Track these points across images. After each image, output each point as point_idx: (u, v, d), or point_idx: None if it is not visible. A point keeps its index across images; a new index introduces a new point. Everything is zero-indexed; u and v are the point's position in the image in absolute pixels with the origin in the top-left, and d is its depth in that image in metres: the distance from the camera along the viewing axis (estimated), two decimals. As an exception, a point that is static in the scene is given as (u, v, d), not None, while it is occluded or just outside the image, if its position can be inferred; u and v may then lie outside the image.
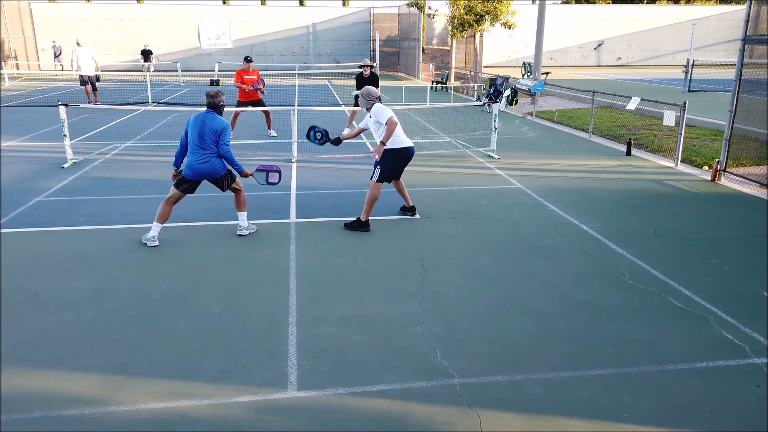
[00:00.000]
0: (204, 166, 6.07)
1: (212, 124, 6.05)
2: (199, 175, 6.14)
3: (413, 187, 8.41)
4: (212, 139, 6.04)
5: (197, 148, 6.05)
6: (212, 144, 6.05)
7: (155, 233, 6.09)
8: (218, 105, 6.13)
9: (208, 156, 6.06)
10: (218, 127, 6.04)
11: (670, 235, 6.48)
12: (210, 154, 6.07)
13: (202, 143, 6.04)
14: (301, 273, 5.37)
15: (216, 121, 6.07)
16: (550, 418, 3.33)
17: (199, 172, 6.11)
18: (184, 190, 6.18)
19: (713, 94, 20.89)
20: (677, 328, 4.37)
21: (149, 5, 36.34)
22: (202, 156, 6.05)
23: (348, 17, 37.78)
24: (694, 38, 28.26)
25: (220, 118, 6.13)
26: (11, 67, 31.06)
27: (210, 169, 6.10)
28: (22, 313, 4.55)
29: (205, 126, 6.04)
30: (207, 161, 6.06)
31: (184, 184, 6.16)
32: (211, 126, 6.04)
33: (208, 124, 6.04)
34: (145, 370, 3.78)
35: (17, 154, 10.55)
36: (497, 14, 23.64)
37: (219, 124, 6.06)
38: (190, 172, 6.10)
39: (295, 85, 26.75)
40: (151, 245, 6.05)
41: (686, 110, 10.06)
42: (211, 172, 6.13)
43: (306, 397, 3.52)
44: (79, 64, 17.23)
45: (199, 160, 6.05)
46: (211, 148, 6.07)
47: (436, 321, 4.47)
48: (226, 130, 6.09)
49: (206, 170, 6.10)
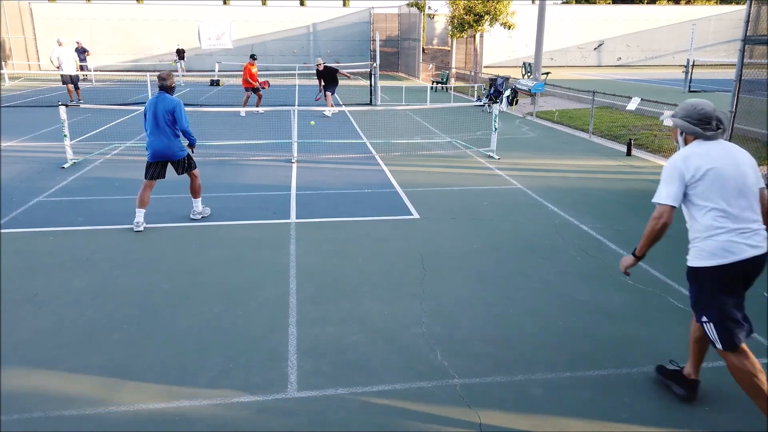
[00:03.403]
0: (160, 146, 6.50)
1: (164, 104, 6.44)
2: (158, 156, 6.56)
3: (413, 187, 8.41)
4: (167, 118, 6.42)
5: (154, 129, 6.47)
6: (167, 124, 6.45)
7: (140, 218, 6.54)
8: (170, 87, 6.55)
9: (164, 137, 6.48)
10: (170, 106, 6.45)
11: (670, 236, 6.44)
12: (166, 135, 6.48)
13: (157, 124, 6.44)
14: (301, 273, 5.37)
15: (167, 101, 6.46)
16: (550, 418, 3.33)
17: (157, 153, 6.54)
18: (152, 175, 6.61)
19: (713, 94, 20.89)
20: (677, 328, 4.37)
21: (149, 5, 36.35)
22: (158, 137, 6.47)
23: (348, 17, 37.79)
24: (694, 38, 28.26)
25: (170, 97, 6.52)
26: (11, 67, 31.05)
27: (167, 149, 6.53)
28: (22, 313, 4.55)
29: (158, 107, 6.43)
30: (162, 141, 6.49)
31: (150, 169, 6.61)
32: (163, 107, 6.42)
33: (159, 105, 6.43)
34: (145, 370, 3.78)
35: (17, 154, 10.56)
36: (496, 14, 23.66)
37: (170, 103, 6.46)
38: (150, 153, 6.57)
39: (295, 85, 26.75)
40: (137, 230, 6.49)
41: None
42: (168, 153, 6.56)
43: (306, 398, 3.52)
44: (60, 64, 17.32)
45: (155, 140, 6.49)
46: (167, 129, 6.47)
47: (436, 321, 4.47)
48: (178, 105, 6.50)
49: (163, 150, 6.52)
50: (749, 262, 3.01)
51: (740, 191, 3.03)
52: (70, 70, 17.40)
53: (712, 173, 3.03)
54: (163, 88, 6.50)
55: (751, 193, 3.06)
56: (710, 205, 3.03)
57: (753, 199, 3.07)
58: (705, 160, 3.05)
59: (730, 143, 3.20)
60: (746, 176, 3.06)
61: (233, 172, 7.69)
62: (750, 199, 3.05)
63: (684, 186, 3.07)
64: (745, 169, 3.08)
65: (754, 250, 3.00)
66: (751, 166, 3.11)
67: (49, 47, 32.57)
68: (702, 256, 3.08)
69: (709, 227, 3.04)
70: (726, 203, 3.01)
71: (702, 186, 3.03)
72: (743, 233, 3.00)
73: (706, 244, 3.06)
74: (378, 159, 10.48)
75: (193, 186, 6.84)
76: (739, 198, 3.02)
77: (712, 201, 3.03)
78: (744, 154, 3.15)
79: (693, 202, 3.09)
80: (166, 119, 6.42)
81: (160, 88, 6.50)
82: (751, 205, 3.05)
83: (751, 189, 3.07)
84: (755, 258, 3.01)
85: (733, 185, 3.02)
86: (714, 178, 3.02)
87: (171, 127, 6.48)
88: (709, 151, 3.09)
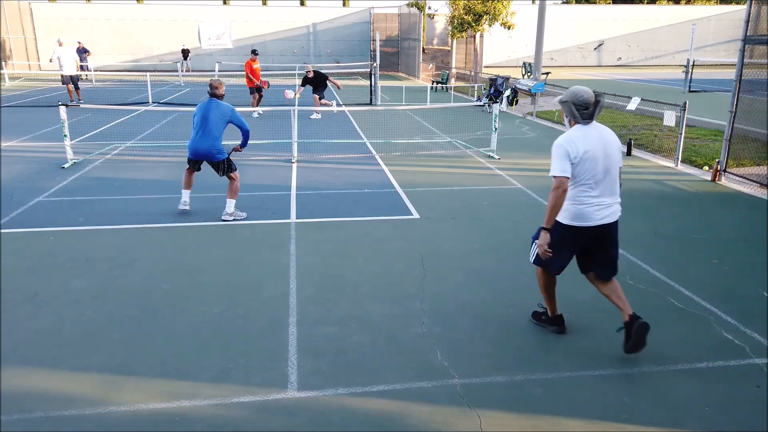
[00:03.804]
0: (202, 148, 6.75)
1: (218, 110, 6.76)
2: (196, 155, 6.84)
3: (413, 187, 8.42)
4: (219, 124, 6.72)
5: (199, 130, 6.74)
6: (216, 129, 6.72)
7: (185, 198, 7.08)
8: (221, 95, 6.88)
9: (209, 139, 6.71)
10: (226, 112, 6.79)
11: (670, 236, 6.49)
12: (212, 138, 6.72)
13: (206, 127, 6.71)
14: (301, 273, 5.37)
15: (222, 108, 6.80)
16: (550, 418, 3.33)
17: (197, 153, 6.80)
18: (191, 166, 7.04)
19: (713, 94, 20.90)
20: (677, 329, 4.37)
21: (149, 5, 36.36)
22: (203, 138, 6.72)
23: (348, 17, 37.79)
24: (695, 38, 28.25)
25: (224, 104, 6.86)
26: (11, 67, 31.04)
27: (206, 151, 6.76)
28: (23, 313, 4.55)
29: (210, 113, 6.73)
30: (206, 144, 6.73)
31: (189, 162, 7.02)
32: (218, 112, 6.74)
33: (213, 111, 6.74)
34: (145, 370, 3.78)
35: (17, 154, 10.56)
36: (496, 14, 23.66)
37: (226, 109, 6.81)
38: (189, 152, 6.89)
39: (295, 86, 26.74)
40: (181, 208, 7.05)
41: (686, 110, 10.06)
42: (205, 155, 6.80)
43: (306, 398, 3.52)
44: (61, 64, 17.34)
45: (197, 141, 6.76)
46: (212, 133, 6.71)
47: (436, 321, 4.47)
48: (234, 111, 6.87)
49: (203, 151, 6.77)
50: (597, 228, 3.84)
51: (606, 171, 3.78)
52: (70, 70, 17.43)
53: (587, 156, 3.72)
54: (215, 96, 6.83)
55: (614, 172, 3.82)
56: (581, 180, 3.76)
57: (615, 178, 3.83)
58: (583, 144, 3.73)
59: (602, 126, 3.89)
60: (612, 158, 3.80)
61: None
62: (612, 178, 3.81)
63: (570, 162, 3.73)
64: (612, 151, 3.81)
65: (602, 221, 3.83)
66: (617, 148, 3.87)
67: (49, 47, 32.56)
68: (564, 216, 3.85)
69: (575, 196, 3.80)
70: (593, 180, 3.76)
71: (579, 166, 3.74)
72: (598, 206, 3.80)
73: (569, 208, 3.82)
74: (378, 159, 10.48)
75: (231, 187, 6.92)
76: (605, 177, 3.78)
77: (583, 177, 3.75)
78: (613, 137, 3.88)
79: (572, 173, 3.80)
80: (217, 124, 6.72)
81: (211, 96, 6.83)
82: (612, 183, 3.82)
83: (615, 169, 3.82)
84: (602, 226, 3.85)
85: (601, 166, 3.76)
86: (588, 159, 3.72)
87: (216, 132, 6.75)
88: (587, 135, 3.77)
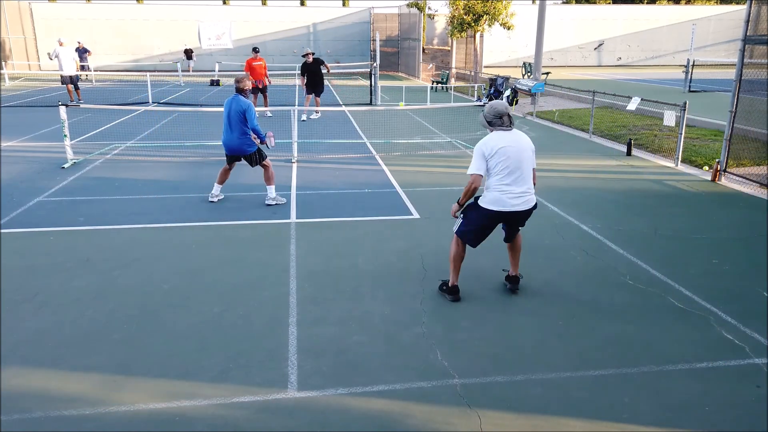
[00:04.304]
0: (231, 144, 7.26)
1: (237, 105, 7.09)
2: (230, 151, 7.35)
3: (414, 187, 8.42)
4: (238, 118, 7.07)
5: (227, 127, 7.22)
6: (239, 123, 7.09)
7: (216, 191, 7.54)
8: (242, 89, 7.17)
9: (235, 135, 7.18)
10: (242, 107, 7.09)
11: (670, 236, 6.48)
12: (237, 133, 7.16)
13: (230, 123, 7.15)
14: (301, 273, 5.37)
15: (240, 102, 7.11)
16: (550, 418, 3.33)
17: (229, 149, 7.33)
18: (228, 163, 7.50)
19: (713, 94, 20.89)
20: (677, 329, 4.37)
21: (149, 5, 36.34)
22: (230, 135, 7.22)
23: (348, 17, 37.77)
24: (695, 38, 28.26)
25: (243, 99, 7.15)
26: (11, 67, 31.03)
27: (237, 147, 7.26)
28: (23, 313, 4.55)
29: (232, 108, 7.11)
30: (233, 140, 7.22)
31: (227, 159, 7.46)
32: (236, 107, 7.08)
33: (234, 106, 7.10)
34: (145, 370, 3.78)
35: (17, 154, 10.56)
36: (495, 14, 23.66)
37: (243, 104, 7.11)
38: (224, 148, 7.40)
39: (296, 86, 26.74)
40: (210, 199, 7.51)
41: (686, 110, 10.06)
42: (237, 150, 7.29)
43: (306, 398, 3.52)
44: (61, 64, 17.34)
45: (228, 138, 7.27)
46: (238, 128, 7.12)
47: (436, 321, 4.47)
48: (250, 107, 7.13)
49: (233, 147, 7.27)
50: (510, 213, 4.55)
51: (518, 165, 4.48)
52: (69, 70, 17.43)
53: (501, 151, 4.45)
54: (238, 91, 7.15)
55: (526, 167, 4.52)
56: (497, 170, 4.48)
57: (526, 172, 4.53)
58: (497, 143, 4.47)
59: (519, 132, 4.61)
60: (524, 155, 4.51)
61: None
62: (523, 172, 4.51)
63: (485, 160, 4.49)
64: (526, 151, 4.53)
65: (514, 207, 4.52)
66: (530, 150, 4.59)
67: (49, 47, 32.49)
68: (484, 201, 4.59)
69: (492, 184, 4.53)
70: (505, 172, 4.46)
71: (494, 159, 4.46)
72: (511, 194, 4.49)
73: (487, 194, 4.58)
74: (378, 159, 10.48)
75: (266, 175, 7.40)
76: (516, 170, 4.48)
77: (498, 168, 4.47)
78: (527, 140, 4.60)
79: (488, 167, 4.52)
80: (238, 119, 7.07)
81: (236, 90, 7.17)
82: (523, 176, 4.51)
83: (527, 165, 4.53)
84: (514, 212, 4.55)
85: (514, 160, 4.46)
86: (502, 153, 4.44)
87: (241, 126, 7.11)
88: (502, 137, 4.51)
